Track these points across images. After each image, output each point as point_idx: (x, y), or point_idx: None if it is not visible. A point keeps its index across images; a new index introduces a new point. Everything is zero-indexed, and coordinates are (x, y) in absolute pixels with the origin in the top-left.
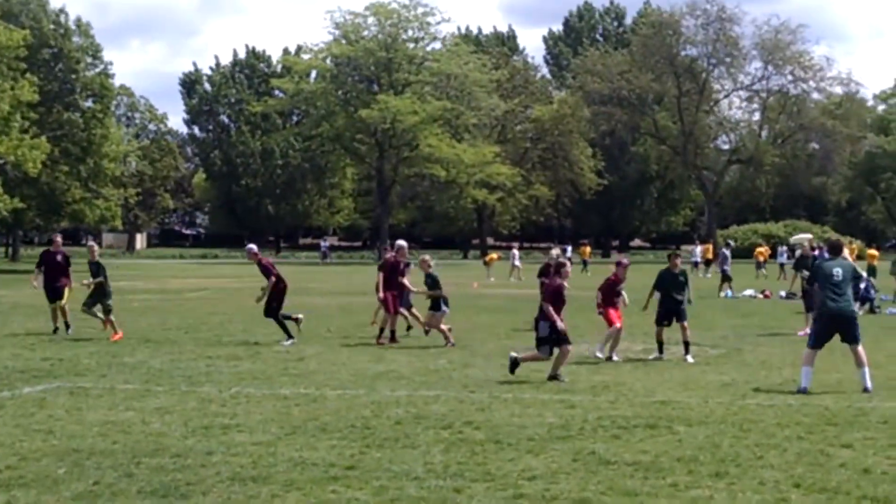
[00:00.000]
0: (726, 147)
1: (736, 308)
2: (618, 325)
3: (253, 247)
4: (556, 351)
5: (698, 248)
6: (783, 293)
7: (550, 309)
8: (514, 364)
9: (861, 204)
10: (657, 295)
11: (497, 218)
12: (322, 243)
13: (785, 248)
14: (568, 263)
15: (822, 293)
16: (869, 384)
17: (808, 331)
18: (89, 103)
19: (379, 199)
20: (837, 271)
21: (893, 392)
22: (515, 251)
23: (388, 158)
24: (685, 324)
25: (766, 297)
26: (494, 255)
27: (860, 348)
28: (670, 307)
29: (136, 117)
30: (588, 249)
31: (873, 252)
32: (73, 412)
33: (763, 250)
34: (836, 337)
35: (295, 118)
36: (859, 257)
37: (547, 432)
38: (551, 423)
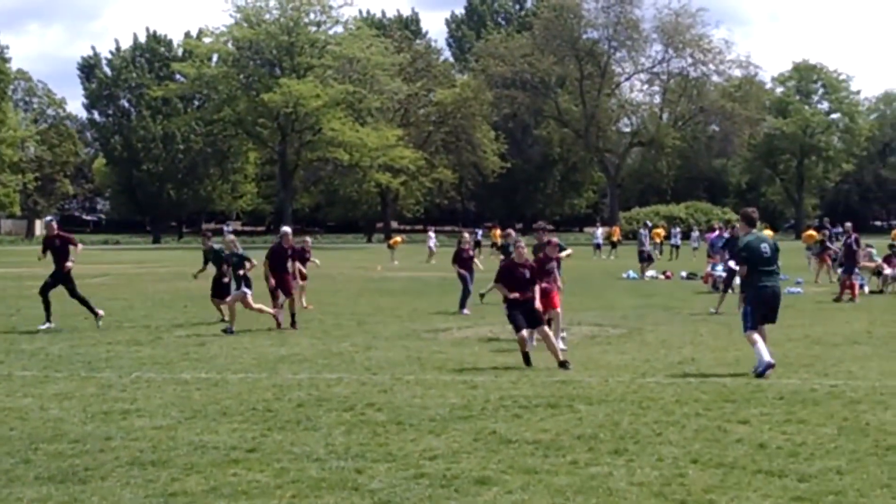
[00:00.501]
0: (628, 130)
1: (637, 289)
2: (557, 309)
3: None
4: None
5: (599, 231)
6: (684, 274)
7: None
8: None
9: (760, 185)
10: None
11: (401, 201)
12: (225, 228)
13: (678, 229)
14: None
15: (753, 273)
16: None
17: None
18: None
19: (282, 183)
20: (765, 247)
21: (790, 369)
22: (432, 233)
23: (290, 142)
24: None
25: (667, 277)
26: (398, 239)
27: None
28: None
29: (35, 102)
30: (498, 232)
31: (769, 232)
32: None
33: (659, 231)
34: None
35: (196, 103)
36: None
37: (448, 413)
38: (453, 403)
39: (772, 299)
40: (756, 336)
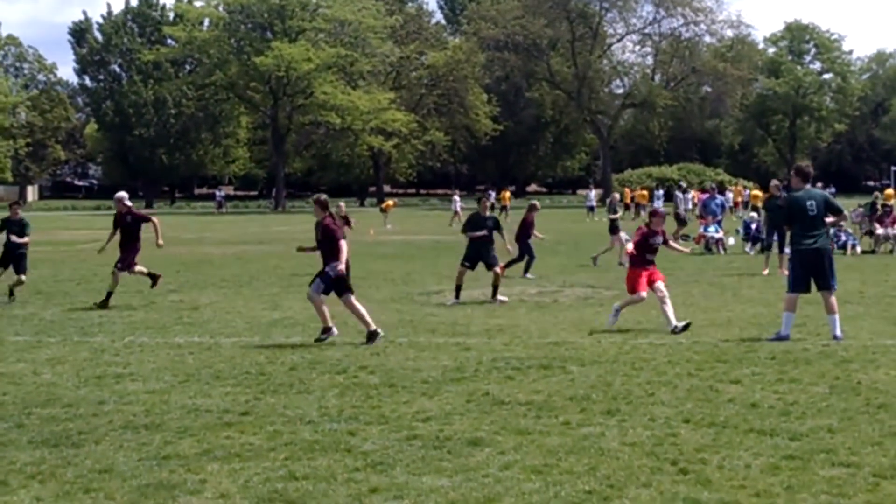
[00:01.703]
0: (620, 91)
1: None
2: (642, 294)
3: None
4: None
5: (592, 192)
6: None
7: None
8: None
9: (753, 146)
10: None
11: (393, 165)
12: (217, 193)
13: (661, 191)
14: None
15: (795, 231)
16: (839, 332)
17: (785, 271)
18: None
19: (274, 147)
20: (811, 204)
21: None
22: (457, 197)
23: (282, 106)
24: (496, 269)
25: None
26: (391, 202)
27: (833, 297)
28: (477, 251)
29: (25, 68)
30: (508, 195)
31: (757, 193)
32: None
33: (643, 193)
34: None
35: (188, 67)
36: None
37: (441, 375)
38: (446, 365)
39: (815, 259)
40: (791, 300)
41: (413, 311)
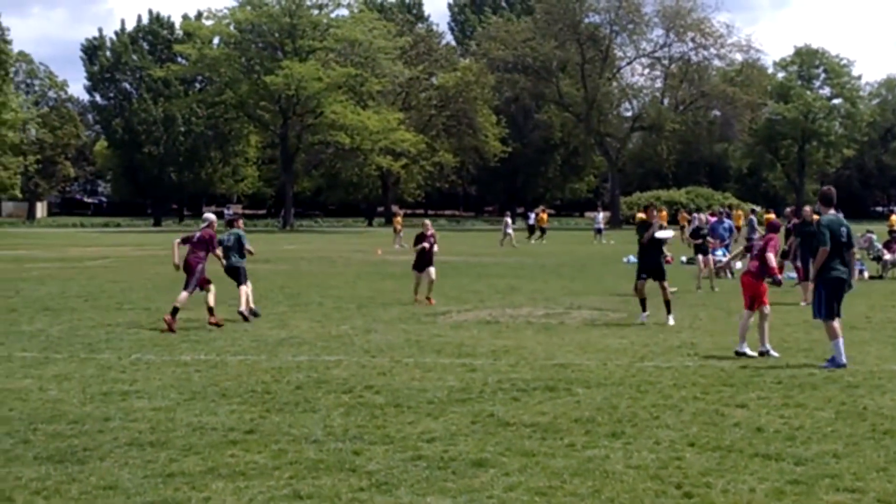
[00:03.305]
0: (629, 114)
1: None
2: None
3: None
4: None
5: (600, 215)
6: (684, 258)
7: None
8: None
9: (761, 170)
10: None
11: (402, 185)
12: (226, 211)
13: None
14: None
15: (828, 257)
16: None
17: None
18: None
19: (283, 166)
20: (844, 231)
21: (787, 353)
22: (508, 219)
23: (292, 125)
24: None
25: (667, 262)
26: (399, 217)
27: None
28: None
29: (36, 84)
30: (546, 216)
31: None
32: None
33: (642, 215)
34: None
35: (198, 85)
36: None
37: (447, 395)
38: (451, 386)
39: (840, 287)
40: (838, 327)
41: (419, 332)
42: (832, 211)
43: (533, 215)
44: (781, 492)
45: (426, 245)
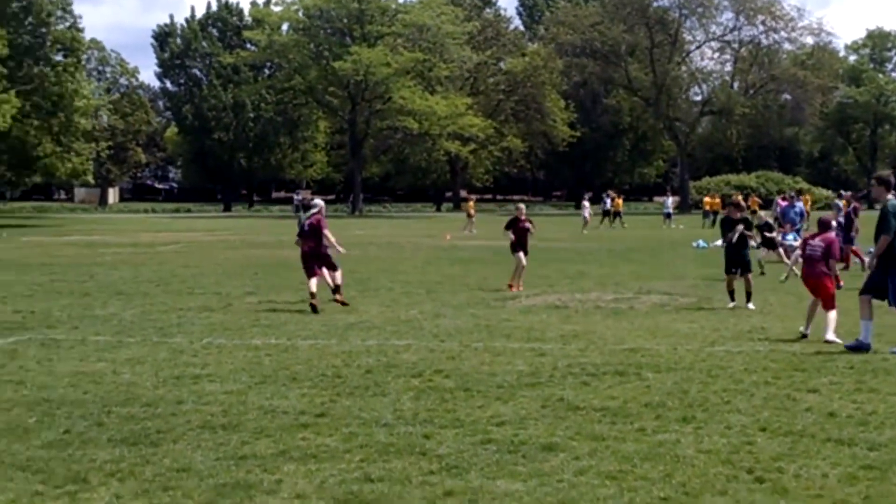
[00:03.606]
0: (698, 98)
1: (707, 258)
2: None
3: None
4: None
5: (670, 200)
6: (753, 243)
7: None
8: None
9: (833, 154)
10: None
11: (470, 170)
12: (295, 197)
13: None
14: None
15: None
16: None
17: None
18: (60, 57)
19: (351, 152)
20: None
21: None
22: (586, 202)
23: (360, 111)
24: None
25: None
26: (472, 204)
27: None
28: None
29: (108, 71)
30: (621, 201)
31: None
32: (45, 363)
33: (709, 199)
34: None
35: (267, 71)
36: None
37: (516, 380)
38: (521, 370)
39: None
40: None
41: (489, 316)
42: (891, 196)
43: (609, 200)
44: (854, 477)
45: (528, 226)
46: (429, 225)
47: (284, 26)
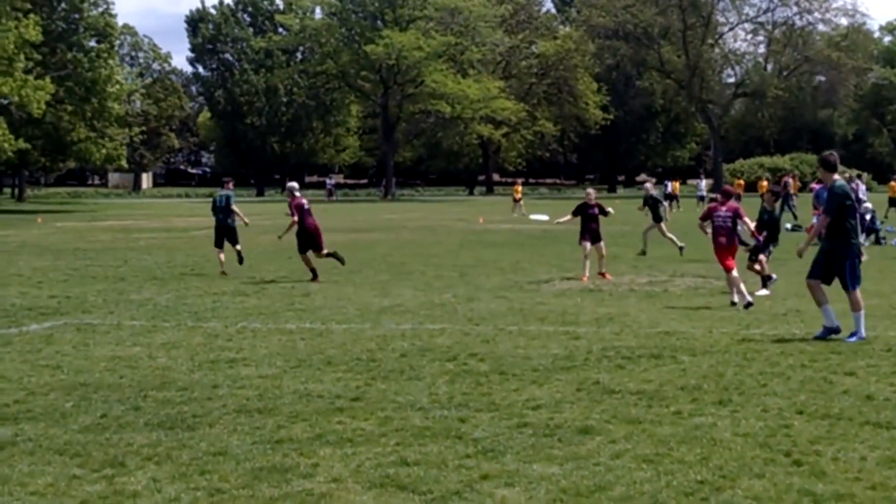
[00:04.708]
0: (731, 80)
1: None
2: None
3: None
4: None
5: (703, 182)
6: (788, 226)
7: None
8: None
9: (867, 136)
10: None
11: (502, 154)
12: (328, 181)
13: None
14: None
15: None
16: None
17: None
18: (93, 43)
19: (384, 136)
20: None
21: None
22: (702, 182)
23: (392, 95)
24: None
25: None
26: (519, 187)
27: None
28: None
29: (140, 56)
30: (678, 184)
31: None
32: (81, 348)
33: (742, 182)
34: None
35: (299, 56)
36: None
37: (551, 363)
38: (556, 354)
39: None
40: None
41: (522, 300)
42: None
43: (669, 185)
44: (893, 460)
45: (596, 211)
46: (462, 209)
47: (317, 10)
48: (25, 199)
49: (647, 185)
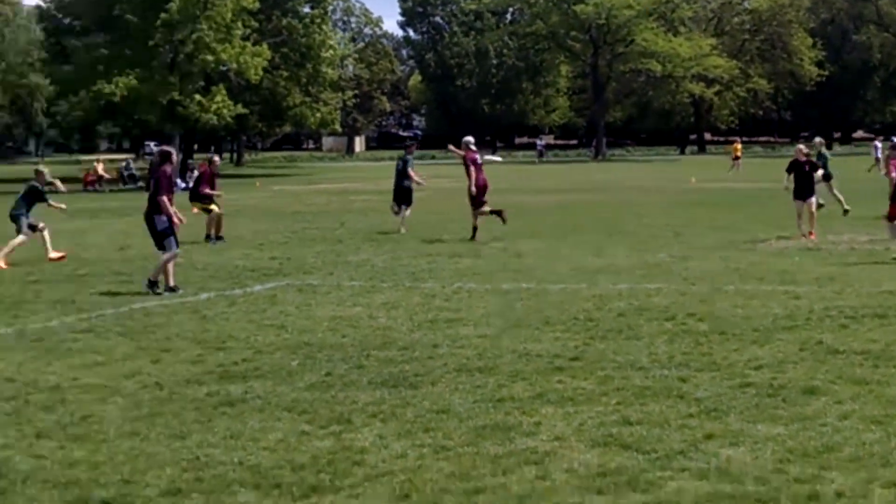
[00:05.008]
0: None
1: None
2: None
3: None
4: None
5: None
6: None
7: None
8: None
9: None
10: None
11: (715, 112)
12: (538, 142)
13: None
14: None
15: None
16: None
17: None
18: (307, 9)
19: (594, 96)
20: None
21: None
22: (878, 143)
23: (602, 55)
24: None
25: None
26: (738, 146)
27: None
28: None
29: (352, 21)
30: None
31: None
32: (303, 308)
33: None
34: None
35: (509, 17)
36: None
37: (772, 323)
38: (776, 313)
39: None
40: None
41: (738, 259)
42: None
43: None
44: None
45: (807, 168)
46: (674, 168)
47: None
48: (244, 163)
49: (817, 140)
